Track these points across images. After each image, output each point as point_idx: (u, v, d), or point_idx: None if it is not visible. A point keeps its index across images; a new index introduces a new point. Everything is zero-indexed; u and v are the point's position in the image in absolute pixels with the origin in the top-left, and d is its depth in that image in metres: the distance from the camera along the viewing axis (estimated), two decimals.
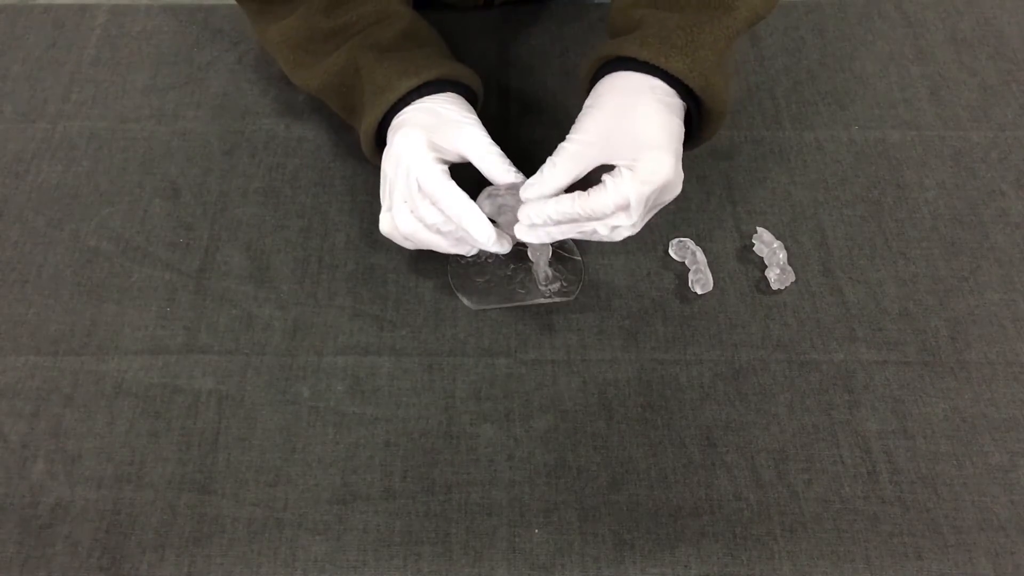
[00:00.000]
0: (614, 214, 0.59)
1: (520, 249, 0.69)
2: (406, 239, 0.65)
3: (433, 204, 0.62)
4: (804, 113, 0.80)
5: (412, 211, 0.63)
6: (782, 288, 0.69)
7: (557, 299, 0.68)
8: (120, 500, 0.59)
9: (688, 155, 0.72)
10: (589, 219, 0.60)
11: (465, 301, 0.68)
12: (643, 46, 0.62)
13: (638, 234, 0.69)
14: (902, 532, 0.58)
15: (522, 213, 0.60)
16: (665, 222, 0.72)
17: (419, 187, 0.62)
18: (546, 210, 0.59)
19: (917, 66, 0.84)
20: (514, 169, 0.63)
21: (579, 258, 0.70)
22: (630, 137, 0.60)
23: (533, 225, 0.60)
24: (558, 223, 0.60)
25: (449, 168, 0.64)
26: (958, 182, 0.76)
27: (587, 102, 0.64)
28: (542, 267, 0.68)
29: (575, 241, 0.71)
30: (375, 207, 0.73)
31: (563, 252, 0.70)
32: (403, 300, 0.69)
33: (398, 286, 0.69)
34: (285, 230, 0.72)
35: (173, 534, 0.58)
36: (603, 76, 0.64)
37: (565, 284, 0.69)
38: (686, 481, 0.60)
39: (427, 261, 0.70)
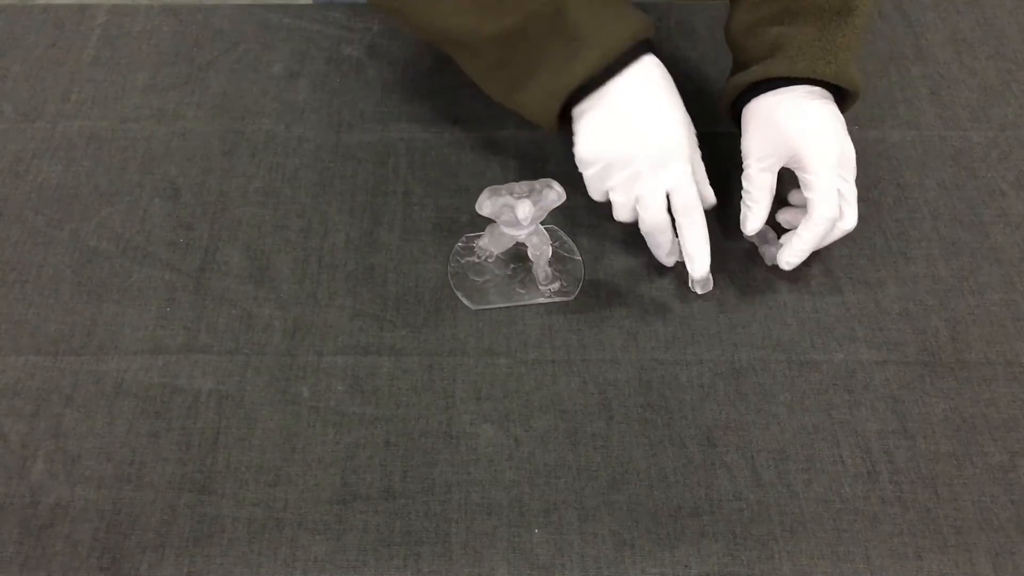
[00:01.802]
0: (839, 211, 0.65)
1: (520, 249, 0.69)
2: (630, 220, 0.68)
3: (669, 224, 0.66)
4: None
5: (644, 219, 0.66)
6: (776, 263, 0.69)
7: (557, 299, 0.68)
8: (120, 500, 0.59)
9: None
10: (829, 231, 0.66)
11: (465, 301, 0.68)
12: (793, 63, 0.65)
13: (637, 233, 0.69)
14: (902, 532, 0.58)
15: (784, 260, 0.67)
16: None
17: (669, 203, 0.65)
18: (803, 249, 0.66)
19: (917, 66, 0.84)
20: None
21: (579, 258, 0.71)
22: (806, 143, 0.65)
23: (790, 263, 0.67)
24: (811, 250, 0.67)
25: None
26: (958, 182, 0.76)
27: (752, 123, 0.67)
28: (542, 267, 0.68)
29: (574, 241, 0.71)
30: (375, 207, 0.74)
31: (563, 252, 0.70)
32: (403, 300, 0.69)
33: (398, 286, 0.69)
34: (285, 230, 0.73)
35: (173, 534, 0.58)
36: (752, 97, 0.67)
37: (565, 284, 0.69)
38: (686, 481, 0.60)
39: (427, 261, 0.71)
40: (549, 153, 0.77)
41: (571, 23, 0.63)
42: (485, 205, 0.64)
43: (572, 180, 0.68)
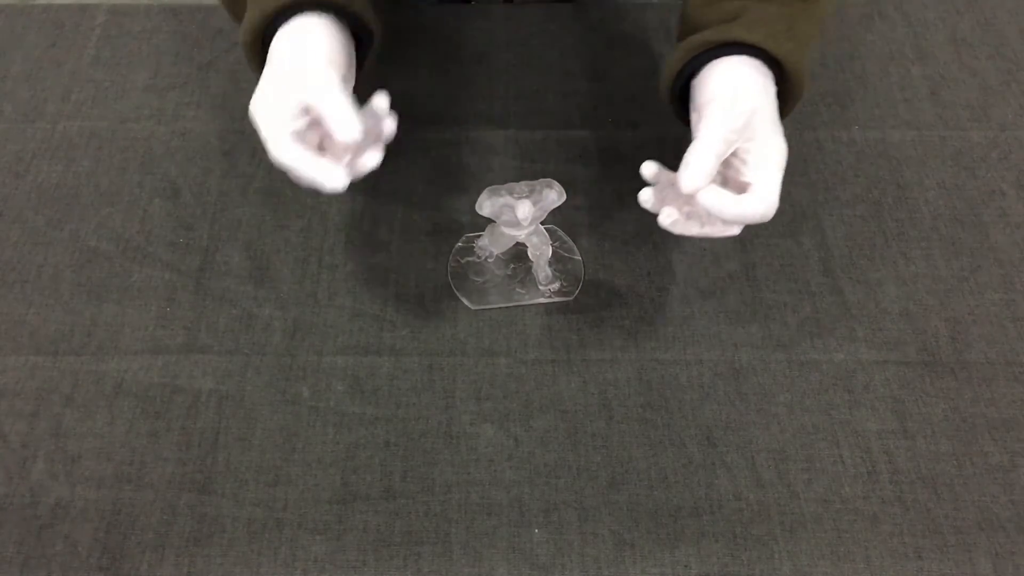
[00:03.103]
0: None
1: (520, 249, 0.69)
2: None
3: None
4: (804, 113, 0.80)
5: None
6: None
7: (557, 299, 0.68)
8: (120, 500, 0.59)
9: None
10: (739, 223, 0.60)
11: (465, 301, 0.68)
12: (751, 31, 0.62)
13: (637, 233, 0.69)
14: (902, 532, 0.58)
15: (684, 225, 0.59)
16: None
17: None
18: (724, 215, 0.58)
19: (917, 66, 0.84)
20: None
21: (579, 258, 0.71)
22: (760, 125, 0.61)
23: (676, 222, 0.59)
24: (704, 226, 0.60)
25: None
26: (958, 182, 0.76)
27: (711, 90, 0.62)
28: (542, 267, 0.68)
29: (574, 241, 0.71)
30: (375, 207, 0.74)
31: (563, 252, 0.70)
32: (403, 300, 0.69)
33: (398, 286, 0.69)
34: (285, 230, 0.73)
35: (173, 534, 0.58)
36: (706, 62, 0.63)
37: (565, 284, 0.69)
38: (686, 481, 0.60)
39: (427, 261, 0.71)
40: (549, 153, 0.77)
41: None
42: (485, 205, 0.64)
43: (572, 180, 0.68)
